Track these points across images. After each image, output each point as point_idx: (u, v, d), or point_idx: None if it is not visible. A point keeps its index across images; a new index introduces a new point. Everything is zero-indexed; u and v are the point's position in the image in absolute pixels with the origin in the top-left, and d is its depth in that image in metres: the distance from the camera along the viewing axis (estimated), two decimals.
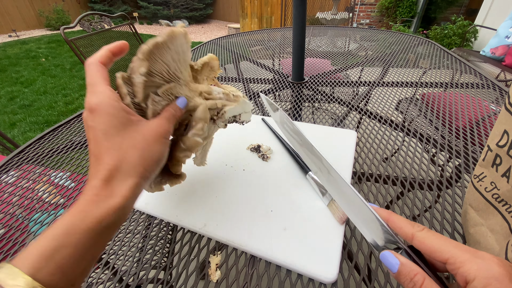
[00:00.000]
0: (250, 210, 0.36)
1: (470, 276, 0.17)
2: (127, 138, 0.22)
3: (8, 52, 4.22)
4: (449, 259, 0.18)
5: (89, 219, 0.19)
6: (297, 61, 0.77)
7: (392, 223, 0.22)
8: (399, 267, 0.19)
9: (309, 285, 0.29)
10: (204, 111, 0.29)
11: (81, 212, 0.19)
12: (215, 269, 0.31)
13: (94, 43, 1.33)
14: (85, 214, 0.19)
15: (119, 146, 0.22)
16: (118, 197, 0.20)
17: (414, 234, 0.20)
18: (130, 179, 0.21)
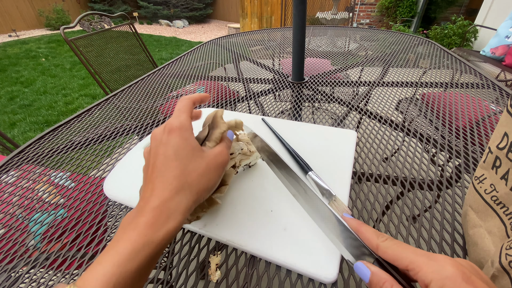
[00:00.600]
0: (250, 210, 0.36)
1: (427, 279, 0.17)
2: (193, 163, 0.24)
3: (8, 52, 4.22)
4: (408, 265, 0.19)
5: (150, 244, 0.20)
6: (297, 61, 0.77)
7: (361, 235, 0.23)
8: (370, 277, 0.20)
9: (309, 285, 0.29)
10: (229, 176, 0.35)
11: (141, 236, 0.20)
12: (215, 269, 0.31)
13: (94, 43, 1.33)
14: (146, 239, 0.20)
15: (184, 167, 0.24)
16: (174, 221, 0.22)
17: (378, 245, 0.21)
18: (186, 202, 0.23)
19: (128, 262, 0.19)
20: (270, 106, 0.71)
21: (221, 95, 0.80)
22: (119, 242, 0.20)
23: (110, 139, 0.60)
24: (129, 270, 0.19)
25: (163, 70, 1.01)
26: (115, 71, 1.44)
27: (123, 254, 0.19)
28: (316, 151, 0.46)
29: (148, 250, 0.20)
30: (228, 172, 0.35)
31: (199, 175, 0.24)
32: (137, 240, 0.20)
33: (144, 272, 0.20)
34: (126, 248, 0.19)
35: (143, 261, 0.19)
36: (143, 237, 0.20)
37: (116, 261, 0.19)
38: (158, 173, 0.23)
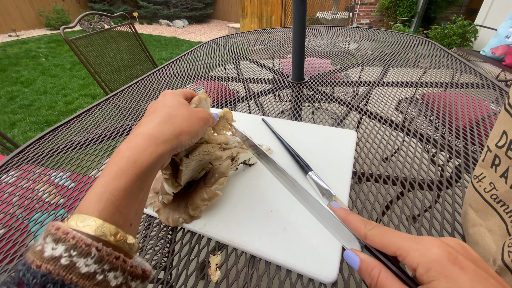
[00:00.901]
0: (250, 210, 0.36)
1: (414, 263, 0.17)
2: (178, 110, 0.28)
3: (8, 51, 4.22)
4: (396, 251, 0.19)
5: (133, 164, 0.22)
6: (297, 61, 0.77)
7: (349, 224, 0.23)
8: (360, 264, 0.20)
9: (309, 285, 0.29)
10: (227, 167, 0.37)
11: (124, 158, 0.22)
12: (215, 269, 0.31)
13: (94, 43, 1.33)
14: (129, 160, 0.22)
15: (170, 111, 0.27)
16: (156, 146, 0.24)
17: (366, 233, 0.21)
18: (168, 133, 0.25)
19: (115, 181, 0.21)
20: (270, 106, 0.71)
21: (221, 95, 0.80)
22: (105, 168, 0.22)
23: (110, 139, 0.60)
24: (118, 188, 0.20)
25: (163, 70, 1.01)
26: (115, 71, 1.44)
27: (109, 175, 0.21)
28: (316, 151, 0.46)
29: (133, 169, 0.21)
30: (226, 164, 0.37)
31: (182, 118, 0.27)
32: (121, 160, 0.22)
33: (133, 192, 0.21)
34: (112, 169, 0.21)
35: (130, 180, 0.21)
36: (126, 158, 0.22)
37: (104, 182, 0.20)
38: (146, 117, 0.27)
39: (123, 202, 0.21)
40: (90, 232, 0.18)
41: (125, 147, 0.23)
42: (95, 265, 0.17)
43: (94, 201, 0.20)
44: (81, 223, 0.19)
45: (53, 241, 0.17)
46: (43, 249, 0.17)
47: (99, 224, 0.19)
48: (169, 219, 0.35)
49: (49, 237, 0.17)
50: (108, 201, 0.20)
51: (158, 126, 0.25)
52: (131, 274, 0.19)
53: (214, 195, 0.35)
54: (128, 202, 0.21)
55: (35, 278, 0.16)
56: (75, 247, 0.17)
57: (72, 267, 0.16)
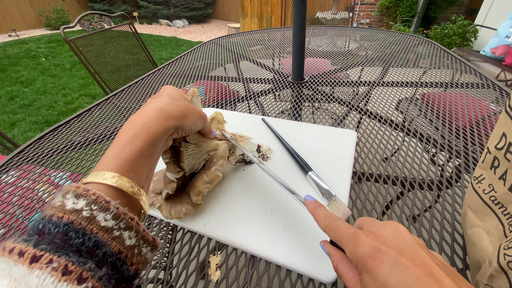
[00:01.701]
0: (250, 210, 0.36)
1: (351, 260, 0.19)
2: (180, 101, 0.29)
3: (8, 51, 4.22)
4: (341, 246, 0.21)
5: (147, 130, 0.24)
6: (297, 61, 0.77)
7: (315, 218, 0.25)
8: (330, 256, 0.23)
9: (309, 285, 0.29)
10: (224, 150, 0.38)
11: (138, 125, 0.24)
12: (215, 269, 0.31)
13: (94, 43, 1.33)
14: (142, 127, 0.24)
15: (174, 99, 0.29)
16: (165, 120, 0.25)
17: (324, 229, 0.24)
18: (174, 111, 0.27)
19: (131, 143, 0.22)
20: (270, 106, 0.71)
21: (221, 95, 0.80)
22: (119, 134, 0.23)
23: (110, 139, 0.60)
24: (134, 149, 0.22)
25: (163, 70, 1.01)
26: (115, 71, 1.44)
27: (126, 138, 0.23)
28: (316, 151, 0.46)
29: (147, 135, 0.23)
30: (223, 147, 0.38)
31: (184, 106, 0.29)
32: (136, 127, 0.23)
33: (146, 155, 0.23)
34: (128, 134, 0.23)
35: (144, 144, 0.23)
36: (140, 125, 0.24)
37: (121, 144, 0.22)
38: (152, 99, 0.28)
39: (138, 162, 0.22)
40: (110, 183, 0.20)
41: (138, 116, 0.25)
42: (112, 220, 0.18)
43: (113, 159, 0.21)
44: (101, 177, 0.20)
45: (74, 196, 0.18)
46: (64, 203, 0.18)
47: (118, 177, 0.20)
48: (172, 211, 0.35)
49: (69, 194, 0.18)
50: (125, 160, 0.21)
51: (166, 104, 0.27)
52: (143, 238, 0.20)
53: (214, 177, 0.35)
54: (142, 164, 0.23)
55: (58, 227, 0.16)
56: (95, 202, 0.18)
57: (93, 219, 0.17)
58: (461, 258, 0.31)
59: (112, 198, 0.19)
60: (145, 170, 0.23)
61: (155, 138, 0.24)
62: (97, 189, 0.19)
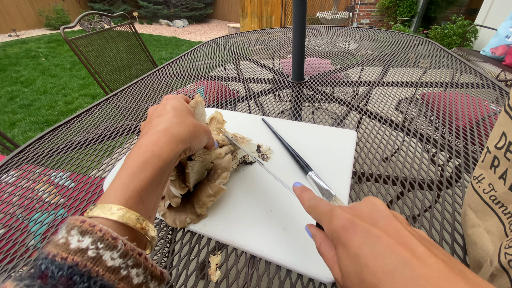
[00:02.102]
0: (250, 210, 0.36)
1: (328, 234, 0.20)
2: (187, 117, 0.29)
3: (8, 51, 4.22)
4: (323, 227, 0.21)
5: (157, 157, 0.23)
6: (297, 61, 0.77)
7: (301, 201, 0.26)
8: (313, 238, 0.23)
9: (309, 285, 0.29)
10: (228, 162, 0.38)
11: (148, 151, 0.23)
12: (215, 269, 0.31)
13: (94, 43, 1.33)
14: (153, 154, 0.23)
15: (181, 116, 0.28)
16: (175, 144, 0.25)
17: (306, 210, 0.24)
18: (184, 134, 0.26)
19: (140, 172, 0.21)
20: (270, 106, 0.71)
21: (221, 95, 0.80)
22: (128, 162, 0.22)
23: (110, 139, 0.60)
24: (143, 179, 0.21)
25: (163, 70, 1.01)
26: (115, 71, 1.44)
27: (135, 167, 0.22)
28: (316, 151, 0.46)
29: (157, 163, 0.23)
30: (227, 159, 0.38)
31: (192, 125, 0.28)
32: (145, 154, 0.23)
33: (155, 184, 0.22)
34: (137, 161, 0.22)
35: (154, 173, 0.22)
36: (150, 152, 0.23)
37: (130, 173, 0.21)
38: (158, 115, 0.27)
39: (146, 193, 0.21)
40: (116, 219, 0.19)
41: (148, 142, 0.24)
42: (120, 259, 0.17)
43: (121, 190, 0.20)
44: (108, 211, 0.19)
45: (79, 233, 0.17)
46: (68, 241, 0.16)
47: (125, 211, 0.19)
48: (176, 220, 0.35)
49: (74, 230, 0.17)
50: (134, 191, 0.21)
51: (175, 126, 0.26)
52: (151, 274, 0.19)
53: (219, 190, 0.35)
54: (150, 194, 0.22)
55: (61, 270, 0.15)
56: (102, 239, 0.17)
57: (99, 260, 0.16)
58: (461, 258, 0.31)
59: (119, 232, 0.18)
60: (153, 198, 0.23)
61: (165, 165, 0.23)
62: (103, 224, 0.18)
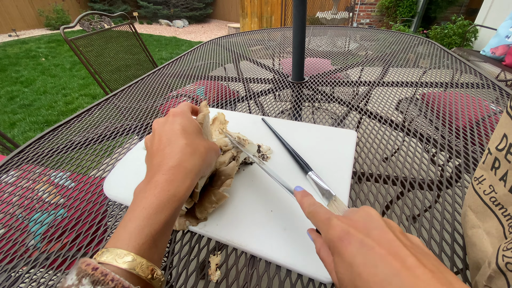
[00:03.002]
0: (250, 210, 0.36)
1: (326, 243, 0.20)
2: (198, 139, 0.28)
3: (8, 51, 4.22)
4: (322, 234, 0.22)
5: (173, 198, 0.22)
6: (297, 61, 0.77)
7: (301, 206, 0.26)
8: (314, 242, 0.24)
9: (309, 285, 0.29)
10: (233, 169, 0.37)
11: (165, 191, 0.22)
12: (215, 269, 0.31)
13: (94, 43, 1.33)
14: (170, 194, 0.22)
15: (193, 140, 0.27)
16: (190, 180, 0.24)
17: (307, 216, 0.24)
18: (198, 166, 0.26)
19: (156, 215, 0.21)
20: (270, 106, 0.71)
21: (221, 95, 0.80)
22: (143, 201, 0.21)
23: (110, 139, 0.60)
24: (158, 222, 0.20)
25: (163, 70, 1.01)
26: (115, 71, 1.43)
27: (151, 208, 0.21)
28: (316, 151, 0.46)
29: (173, 203, 0.22)
30: (231, 166, 0.37)
31: (204, 152, 0.27)
32: (162, 194, 0.22)
33: (169, 225, 0.22)
34: (153, 203, 0.21)
35: (169, 214, 0.21)
36: (166, 192, 0.22)
37: (145, 215, 0.20)
38: (167, 144, 0.26)
39: (161, 236, 0.21)
40: (129, 269, 0.18)
41: (163, 180, 0.23)
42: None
43: (135, 235, 0.19)
44: (120, 259, 0.18)
45: (91, 283, 0.16)
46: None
47: (139, 261, 0.18)
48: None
49: (86, 279, 0.17)
50: (148, 235, 0.20)
51: (189, 159, 0.25)
52: None
53: (222, 197, 0.35)
54: (164, 236, 0.21)
55: None
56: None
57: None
58: (461, 258, 0.31)
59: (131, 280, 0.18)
60: (166, 239, 0.22)
61: (180, 204, 0.23)
62: (115, 272, 0.18)
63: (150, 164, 0.26)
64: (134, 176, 0.43)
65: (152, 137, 0.28)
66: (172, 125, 0.27)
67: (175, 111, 0.29)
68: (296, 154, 0.44)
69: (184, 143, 0.26)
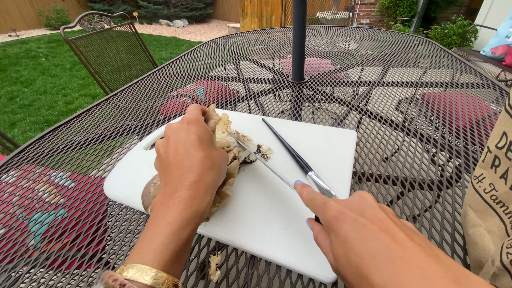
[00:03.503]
0: (250, 210, 0.36)
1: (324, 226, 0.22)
2: (213, 149, 0.28)
3: (8, 51, 4.22)
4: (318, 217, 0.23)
5: (196, 214, 0.22)
6: (297, 61, 0.77)
7: (300, 196, 0.26)
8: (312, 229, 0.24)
9: (309, 285, 0.29)
10: (235, 168, 0.37)
11: (188, 207, 0.22)
12: (215, 269, 0.31)
13: (94, 43, 1.33)
14: (193, 210, 0.22)
15: (209, 151, 0.27)
16: (211, 194, 0.25)
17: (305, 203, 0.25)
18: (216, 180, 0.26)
19: (181, 231, 0.21)
20: (270, 106, 0.71)
21: (221, 95, 0.80)
22: (167, 216, 0.21)
23: (110, 139, 0.60)
24: (182, 238, 0.21)
25: (163, 70, 1.01)
26: (115, 71, 1.44)
27: (175, 225, 0.21)
28: (316, 151, 0.46)
29: (196, 220, 0.22)
30: (234, 165, 0.37)
31: (220, 164, 0.27)
32: (186, 211, 0.22)
33: (190, 240, 0.22)
34: (177, 219, 0.21)
35: (192, 230, 0.22)
36: (190, 208, 0.22)
37: (170, 231, 0.21)
38: (185, 156, 0.25)
39: (183, 251, 0.21)
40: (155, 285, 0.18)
41: (187, 196, 0.23)
42: None
43: (160, 251, 0.20)
44: (146, 276, 0.18)
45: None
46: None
47: (164, 279, 0.19)
48: None
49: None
50: (173, 252, 0.20)
51: (209, 173, 0.25)
52: None
53: (225, 196, 0.34)
54: (186, 251, 0.22)
55: None
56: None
57: None
58: (462, 258, 0.31)
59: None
60: (187, 253, 0.22)
61: (201, 219, 0.23)
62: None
63: (169, 176, 0.25)
64: (134, 176, 0.43)
65: (167, 145, 0.27)
66: (188, 134, 0.27)
67: (190, 119, 0.28)
68: (296, 154, 0.44)
69: (203, 155, 0.26)
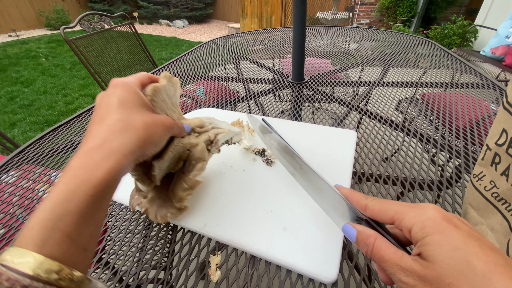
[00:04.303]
0: (250, 210, 0.36)
1: (410, 223, 0.18)
2: (140, 113, 0.24)
3: (8, 51, 4.22)
4: (394, 216, 0.20)
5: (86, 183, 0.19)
6: (297, 61, 0.77)
7: (351, 199, 0.24)
8: (356, 235, 0.21)
9: (309, 285, 0.29)
10: (202, 151, 0.33)
11: (75, 177, 0.19)
12: (215, 269, 0.31)
13: (94, 43, 1.33)
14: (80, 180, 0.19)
15: (130, 114, 0.23)
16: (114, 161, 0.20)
17: (366, 204, 0.22)
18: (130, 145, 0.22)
19: (63, 204, 0.18)
20: (270, 106, 0.71)
21: (221, 95, 0.80)
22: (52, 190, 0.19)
23: None
24: (67, 212, 0.17)
25: (163, 70, 1.01)
26: (115, 71, 1.44)
27: (57, 199, 0.18)
28: (316, 151, 0.46)
29: (85, 189, 0.18)
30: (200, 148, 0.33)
31: (143, 127, 0.23)
32: (71, 181, 0.19)
33: (88, 214, 0.19)
34: (61, 191, 0.18)
35: (82, 202, 0.18)
36: (76, 178, 0.19)
37: (50, 207, 0.17)
38: (100, 119, 0.22)
39: (76, 227, 0.18)
40: (27, 271, 0.15)
41: (77, 164, 0.19)
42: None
43: (37, 230, 0.17)
44: (17, 259, 0.16)
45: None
46: None
47: (39, 261, 0.16)
48: (157, 216, 0.34)
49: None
50: (55, 229, 0.17)
51: (117, 137, 0.21)
52: None
53: (195, 183, 0.32)
54: (82, 227, 0.18)
55: None
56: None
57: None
58: None
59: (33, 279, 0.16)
60: (88, 230, 0.19)
61: (100, 190, 0.19)
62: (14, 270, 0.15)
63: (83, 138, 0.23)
64: None
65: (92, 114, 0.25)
66: (109, 98, 0.24)
67: (116, 82, 0.25)
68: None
69: (116, 118, 0.22)
